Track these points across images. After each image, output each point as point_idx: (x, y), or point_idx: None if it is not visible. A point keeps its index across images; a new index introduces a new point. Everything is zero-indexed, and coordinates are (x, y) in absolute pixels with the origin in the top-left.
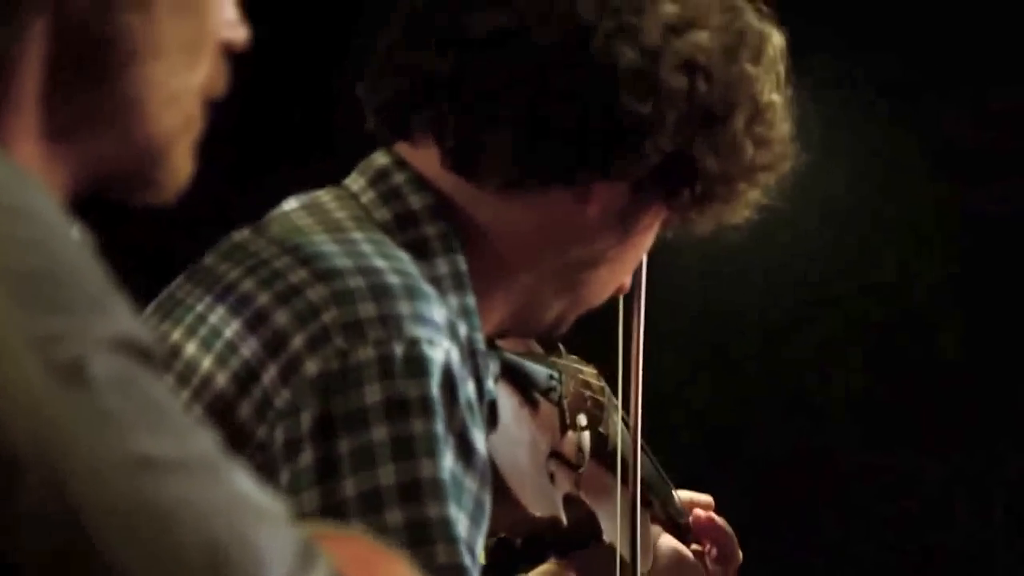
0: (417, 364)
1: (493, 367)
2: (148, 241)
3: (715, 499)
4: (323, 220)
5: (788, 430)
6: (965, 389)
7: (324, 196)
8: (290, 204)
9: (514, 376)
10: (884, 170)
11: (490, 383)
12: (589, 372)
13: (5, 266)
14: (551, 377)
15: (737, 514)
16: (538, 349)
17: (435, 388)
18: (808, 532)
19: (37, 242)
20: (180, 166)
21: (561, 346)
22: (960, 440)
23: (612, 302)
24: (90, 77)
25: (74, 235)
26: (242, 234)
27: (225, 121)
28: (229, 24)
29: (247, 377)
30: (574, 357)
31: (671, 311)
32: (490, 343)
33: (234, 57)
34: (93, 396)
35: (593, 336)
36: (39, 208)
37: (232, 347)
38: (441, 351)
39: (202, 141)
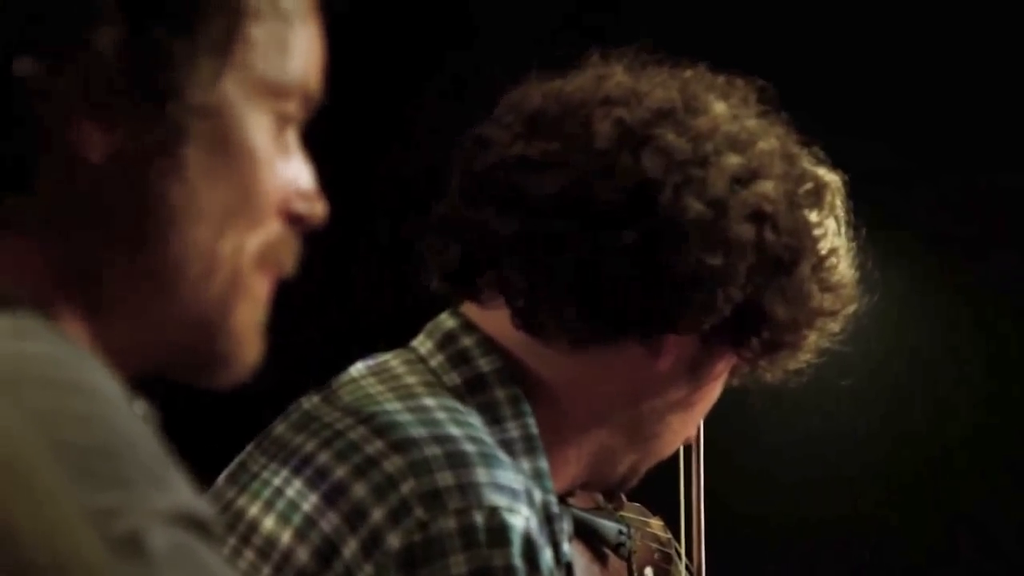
0: (499, 533)
1: (567, 527)
2: None
3: None
4: (394, 387)
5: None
6: None
7: (392, 360)
8: (358, 369)
9: (584, 532)
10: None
11: (566, 546)
12: (656, 524)
13: (63, 441)
14: (620, 532)
15: None
16: (602, 501)
17: (518, 557)
18: None
19: (94, 417)
20: (243, 339)
21: (623, 496)
22: None
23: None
24: (127, 243)
25: (134, 410)
26: (312, 402)
27: None
28: (300, 196)
29: (328, 552)
30: (637, 506)
31: (737, 456)
32: (561, 500)
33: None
34: (151, 569)
35: (652, 486)
36: (95, 383)
37: (311, 521)
38: (521, 519)
39: None
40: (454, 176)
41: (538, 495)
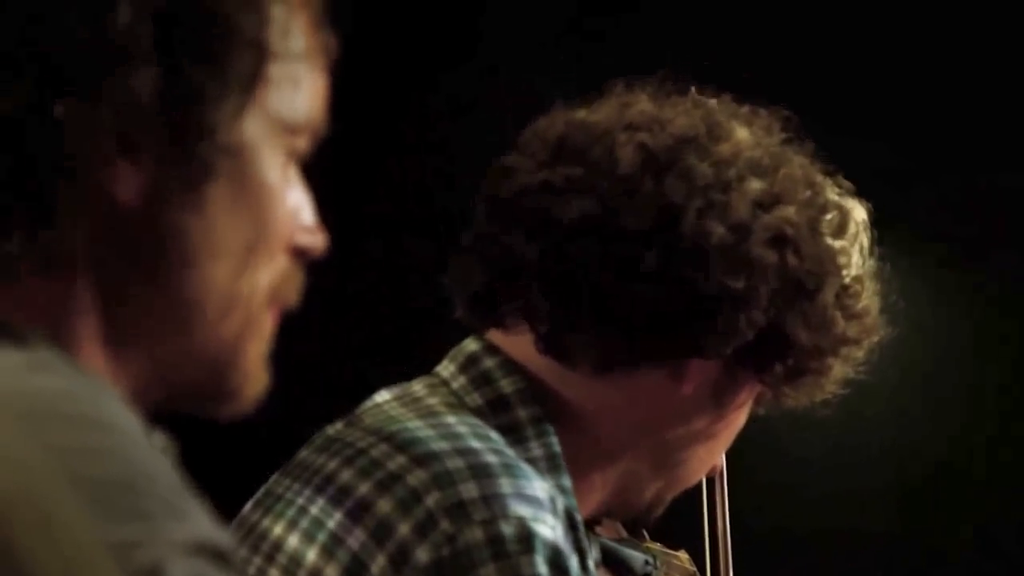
0: (527, 542)
1: (594, 551)
2: None
3: None
4: (416, 408)
5: None
6: None
7: (415, 386)
8: (382, 396)
9: (611, 561)
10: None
11: (591, 561)
12: (683, 557)
13: (82, 475)
14: (647, 563)
15: None
16: (625, 534)
17: (545, 565)
18: None
19: (112, 450)
20: (252, 374)
21: (645, 532)
22: None
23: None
24: (149, 280)
25: (152, 442)
26: (335, 428)
27: None
28: (303, 229)
29: (357, 569)
30: (658, 544)
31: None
32: (588, 527)
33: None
34: None
35: (676, 518)
36: (113, 416)
37: (337, 539)
38: (547, 528)
39: None
40: (479, 204)
41: (561, 502)
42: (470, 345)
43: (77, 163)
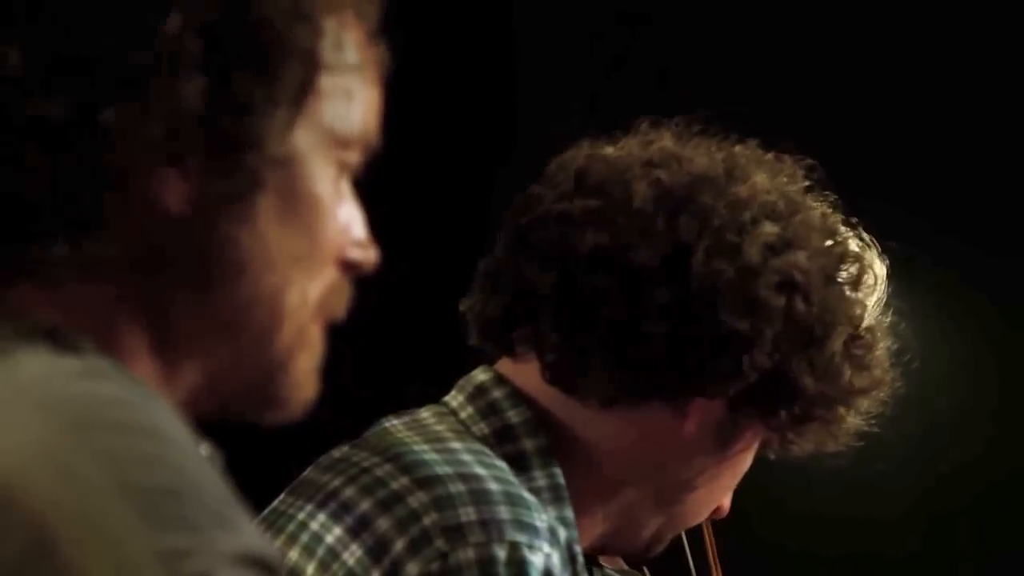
0: (518, 567)
1: None
2: None
3: None
4: (422, 433)
5: None
6: None
7: (423, 413)
8: (390, 421)
9: None
10: None
11: None
12: None
13: (132, 483)
14: None
15: None
16: (626, 568)
17: None
18: None
19: (162, 459)
20: (302, 384)
21: (646, 570)
22: None
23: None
24: (196, 289)
25: (200, 451)
26: (341, 450)
27: None
28: (355, 243)
29: None
30: None
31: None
32: (594, 559)
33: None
34: None
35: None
36: (162, 425)
37: (334, 554)
38: (541, 556)
39: None
40: (502, 231)
41: (563, 534)
42: (479, 375)
43: (124, 171)
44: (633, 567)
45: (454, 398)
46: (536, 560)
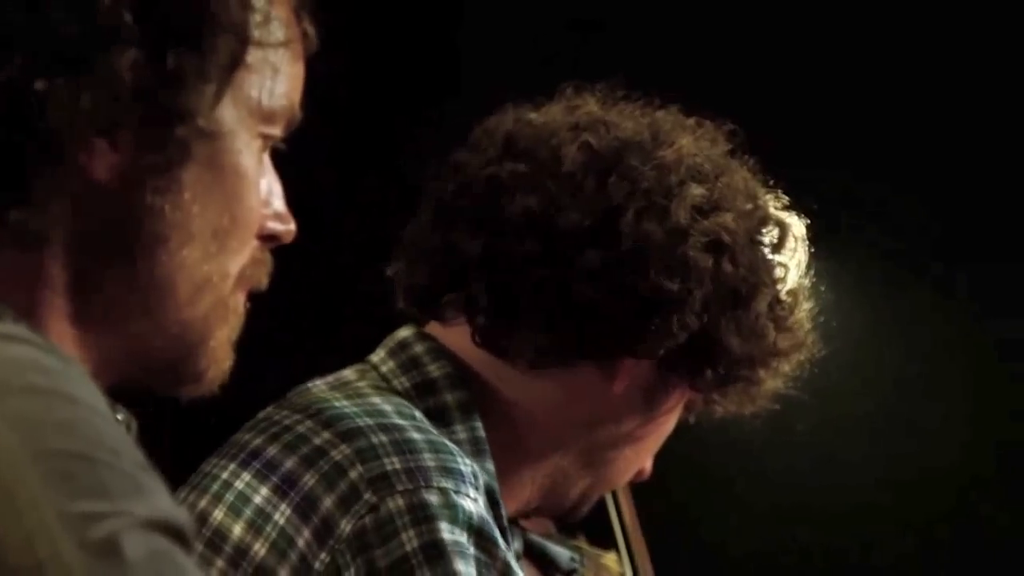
0: (449, 511)
1: (516, 544)
2: None
3: None
4: (344, 390)
5: None
6: None
7: (346, 372)
8: (313, 382)
9: (536, 555)
10: None
11: (513, 545)
12: (609, 558)
13: (43, 448)
14: (572, 559)
15: None
16: (555, 531)
17: (466, 534)
18: None
19: (77, 423)
20: (219, 357)
21: (581, 534)
22: None
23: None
24: (120, 259)
25: (115, 417)
26: (265, 411)
27: None
28: (274, 216)
29: (283, 544)
30: (587, 543)
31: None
32: (513, 522)
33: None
34: (126, 573)
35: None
36: (78, 391)
37: (265, 515)
38: (470, 500)
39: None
40: (426, 199)
41: (483, 478)
42: (401, 332)
43: (56, 140)
44: (563, 530)
45: (377, 354)
46: (465, 504)
